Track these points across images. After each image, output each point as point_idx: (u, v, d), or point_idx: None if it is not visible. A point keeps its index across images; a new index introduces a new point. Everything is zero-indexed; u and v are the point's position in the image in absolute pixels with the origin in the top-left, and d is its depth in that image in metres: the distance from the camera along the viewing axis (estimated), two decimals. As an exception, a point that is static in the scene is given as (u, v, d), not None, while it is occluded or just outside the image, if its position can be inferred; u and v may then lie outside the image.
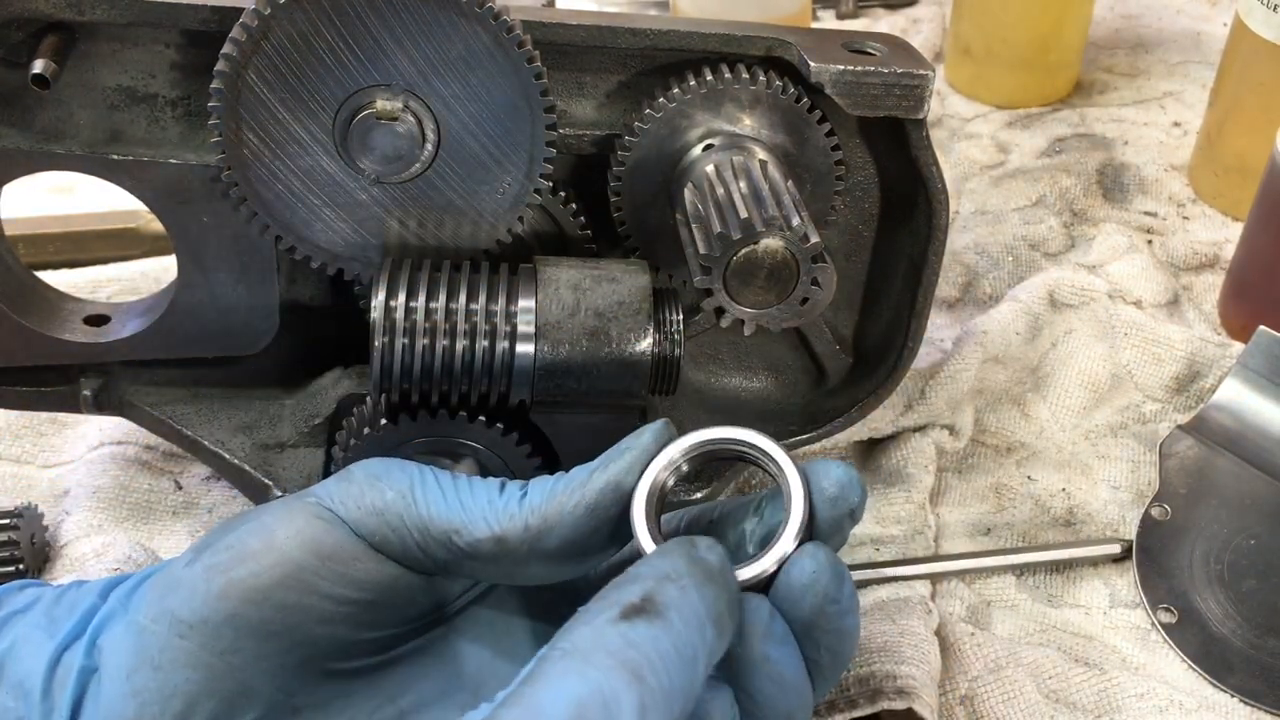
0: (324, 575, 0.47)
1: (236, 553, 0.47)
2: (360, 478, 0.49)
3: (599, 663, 0.38)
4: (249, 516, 0.49)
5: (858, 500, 0.49)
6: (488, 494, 0.49)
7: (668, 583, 0.41)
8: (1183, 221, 0.97)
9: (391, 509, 0.48)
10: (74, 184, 0.97)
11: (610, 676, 0.38)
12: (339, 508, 0.48)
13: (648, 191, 0.65)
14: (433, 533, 0.48)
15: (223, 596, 0.46)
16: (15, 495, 0.74)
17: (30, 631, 0.49)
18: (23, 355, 0.66)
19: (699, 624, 0.41)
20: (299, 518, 0.48)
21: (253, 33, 0.55)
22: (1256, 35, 0.90)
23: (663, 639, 0.39)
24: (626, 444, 0.49)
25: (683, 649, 0.40)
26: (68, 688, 0.47)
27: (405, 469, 0.50)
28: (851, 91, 0.62)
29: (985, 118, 1.09)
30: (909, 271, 0.69)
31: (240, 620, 0.47)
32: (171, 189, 0.62)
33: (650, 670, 0.38)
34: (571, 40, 0.62)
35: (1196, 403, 0.81)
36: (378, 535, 0.48)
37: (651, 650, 0.39)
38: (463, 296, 0.59)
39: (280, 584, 0.47)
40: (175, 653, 0.46)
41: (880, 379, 0.71)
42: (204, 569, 0.47)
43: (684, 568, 0.42)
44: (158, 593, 0.48)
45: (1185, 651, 0.67)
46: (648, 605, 0.40)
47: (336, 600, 0.48)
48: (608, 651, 0.39)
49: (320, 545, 0.47)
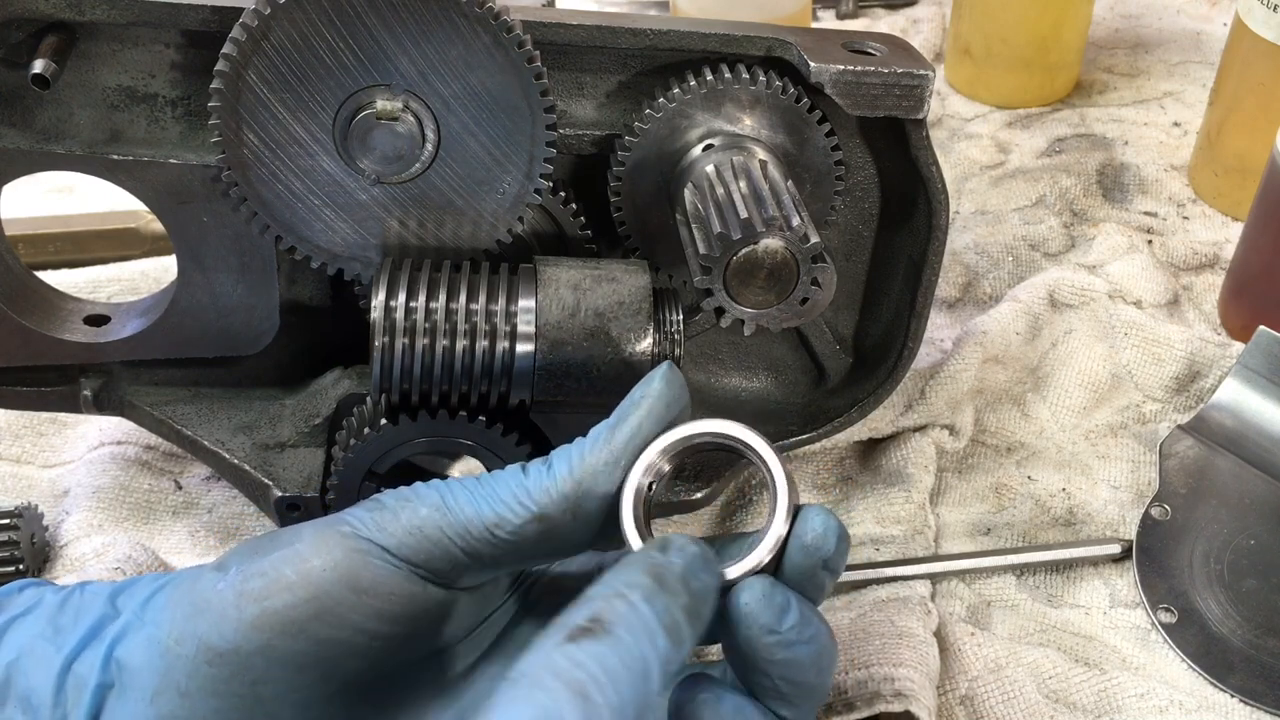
0: (359, 610, 0.47)
1: (271, 581, 0.46)
2: (391, 502, 0.49)
3: (546, 685, 0.38)
4: (281, 540, 0.48)
5: (832, 550, 0.48)
6: (515, 480, 0.49)
7: (616, 599, 0.41)
8: (1183, 221, 0.97)
9: (430, 523, 0.48)
10: (74, 184, 0.97)
11: (556, 698, 0.38)
12: (376, 534, 0.48)
13: (648, 191, 0.65)
14: (474, 534, 0.47)
15: (256, 627, 0.46)
16: (15, 495, 0.74)
17: (35, 642, 0.48)
18: (23, 355, 0.66)
19: (649, 635, 0.41)
20: (336, 549, 0.47)
21: (253, 33, 0.55)
22: (1256, 35, 0.90)
23: (609, 656, 0.40)
24: (639, 392, 0.49)
25: (631, 663, 0.40)
26: (83, 704, 0.46)
27: (431, 485, 0.49)
28: (851, 91, 0.62)
29: (985, 118, 1.09)
30: (909, 271, 0.69)
31: (273, 651, 0.46)
32: (171, 189, 0.62)
33: (596, 688, 0.39)
34: (571, 40, 0.62)
35: (1196, 403, 0.81)
36: (421, 554, 0.47)
37: (597, 668, 0.39)
38: (463, 296, 0.59)
39: (315, 617, 0.46)
40: (203, 680, 0.46)
41: (880, 379, 0.71)
42: (235, 595, 0.46)
43: (637, 579, 0.42)
44: (183, 612, 0.47)
45: (1185, 651, 0.67)
46: (594, 625, 0.40)
47: (370, 635, 0.47)
48: (554, 674, 0.39)
49: (357, 579, 0.47)
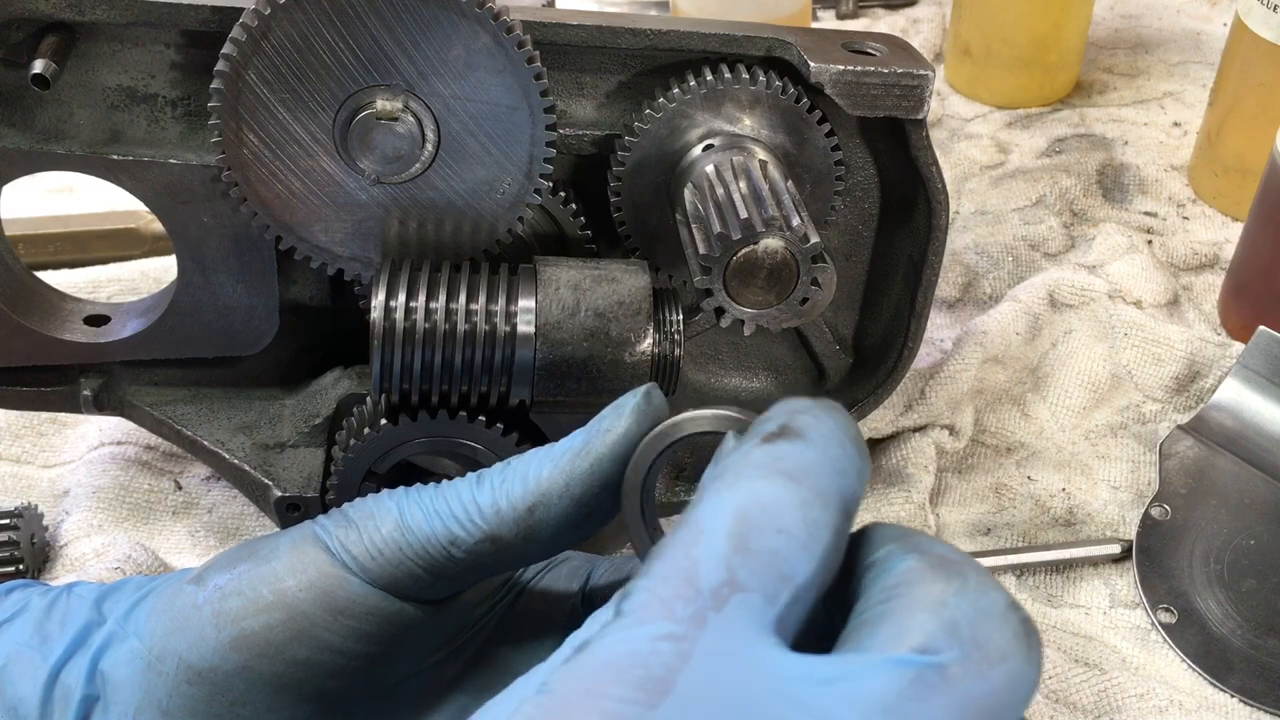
0: (335, 630, 0.46)
1: (248, 602, 0.46)
2: (356, 517, 0.48)
3: (750, 475, 0.37)
4: (259, 555, 0.48)
5: None
6: (468, 493, 0.47)
7: (798, 414, 0.40)
8: (1183, 221, 0.97)
9: (390, 545, 0.47)
10: (74, 184, 0.97)
11: (764, 483, 0.37)
12: (344, 555, 0.47)
13: (648, 191, 0.65)
14: (433, 553, 0.47)
15: (234, 648, 0.46)
16: (15, 495, 0.74)
17: (21, 650, 0.48)
18: (23, 355, 0.66)
19: (839, 441, 0.39)
20: (310, 568, 0.47)
21: (253, 33, 0.55)
22: (1256, 35, 0.90)
23: (808, 452, 0.38)
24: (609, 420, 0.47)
25: (830, 461, 0.38)
26: (69, 716, 0.47)
27: (393, 497, 0.48)
28: (851, 91, 0.62)
29: (985, 118, 1.09)
30: (909, 271, 0.69)
31: (251, 673, 0.46)
32: (171, 189, 0.62)
33: (803, 474, 0.37)
34: (571, 40, 0.62)
35: (1196, 403, 0.81)
36: (386, 577, 0.47)
37: (799, 460, 0.38)
38: (463, 296, 0.59)
39: (293, 640, 0.46)
40: (183, 699, 0.46)
41: (880, 379, 0.71)
42: (213, 614, 0.46)
43: (808, 404, 0.41)
44: (163, 627, 0.47)
45: (1185, 651, 0.67)
46: (785, 431, 0.39)
47: (348, 655, 0.47)
48: (756, 466, 0.38)
49: (333, 599, 0.46)
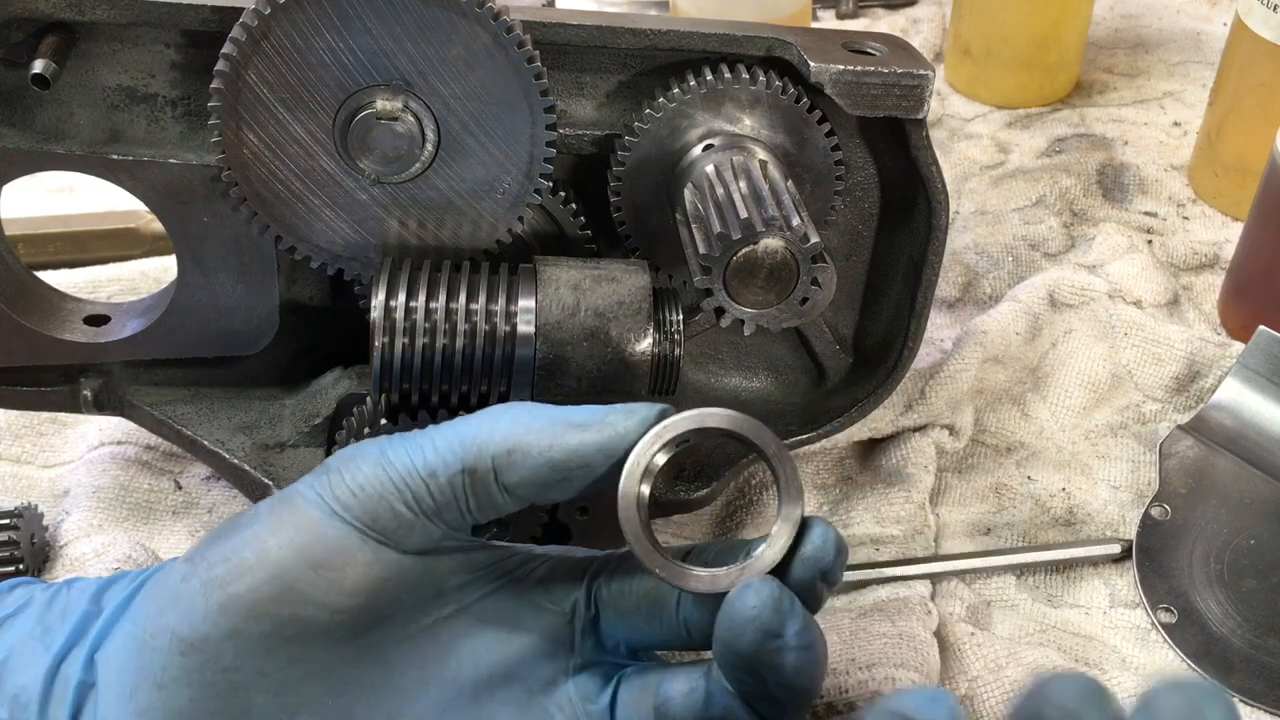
0: (317, 585, 0.47)
1: (233, 566, 0.47)
2: (336, 464, 0.49)
3: None
4: (241, 523, 0.49)
5: (831, 562, 0.49)
6: (455, 426, 0.49)
7: None
8: (1183, 221, 0.97)
9: (372, 480, 0.48)
10: (74, 184, 0.97)
11: None
12: (324, 500, 0.48)
13: (648, 191, 0.65)
14: (412, 486, 0.48)
15: (223, 612, 0.46)
16: (15, 495, 0.74)
17: (25, 641, 0.49)
18: (23, 355, 0.66)
19: None
20: (289, 525, 0.47)
21: (253, 33, 0.55)
22: (1256, 35, 0.90)
23: None
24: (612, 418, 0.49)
25: None
26: (66, 703, 0.47)
27: (375, 441, 0.50)
28: (851, 91, 0.62)
29: (985, 118, 1.09)
30: (909, 271, 0.69)
31: (241, 636, 0.46)
32: (171, 189, 0.62)
33: None
34: (571, 40, 0.62)
35: (1196, 403, 0.81)
36: (367, 514, 0.48)
37: None
38: (463, 296, 0.59)
39: (278, 598, 0.46)
40: (177, 671, 0.46)
41: (880, 379, 0.71)
42: (201, 584, 0.47)
43: None
44: (156, 607, 0.48)
45: (1185, 651, 0.67)
46: None
47: (333, 610, 0.47)
48: None
49: (311, 553, 0.47)
